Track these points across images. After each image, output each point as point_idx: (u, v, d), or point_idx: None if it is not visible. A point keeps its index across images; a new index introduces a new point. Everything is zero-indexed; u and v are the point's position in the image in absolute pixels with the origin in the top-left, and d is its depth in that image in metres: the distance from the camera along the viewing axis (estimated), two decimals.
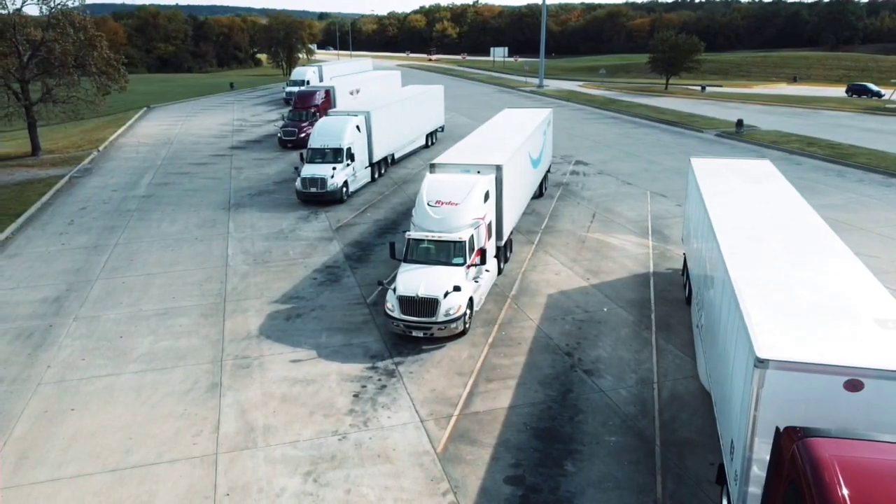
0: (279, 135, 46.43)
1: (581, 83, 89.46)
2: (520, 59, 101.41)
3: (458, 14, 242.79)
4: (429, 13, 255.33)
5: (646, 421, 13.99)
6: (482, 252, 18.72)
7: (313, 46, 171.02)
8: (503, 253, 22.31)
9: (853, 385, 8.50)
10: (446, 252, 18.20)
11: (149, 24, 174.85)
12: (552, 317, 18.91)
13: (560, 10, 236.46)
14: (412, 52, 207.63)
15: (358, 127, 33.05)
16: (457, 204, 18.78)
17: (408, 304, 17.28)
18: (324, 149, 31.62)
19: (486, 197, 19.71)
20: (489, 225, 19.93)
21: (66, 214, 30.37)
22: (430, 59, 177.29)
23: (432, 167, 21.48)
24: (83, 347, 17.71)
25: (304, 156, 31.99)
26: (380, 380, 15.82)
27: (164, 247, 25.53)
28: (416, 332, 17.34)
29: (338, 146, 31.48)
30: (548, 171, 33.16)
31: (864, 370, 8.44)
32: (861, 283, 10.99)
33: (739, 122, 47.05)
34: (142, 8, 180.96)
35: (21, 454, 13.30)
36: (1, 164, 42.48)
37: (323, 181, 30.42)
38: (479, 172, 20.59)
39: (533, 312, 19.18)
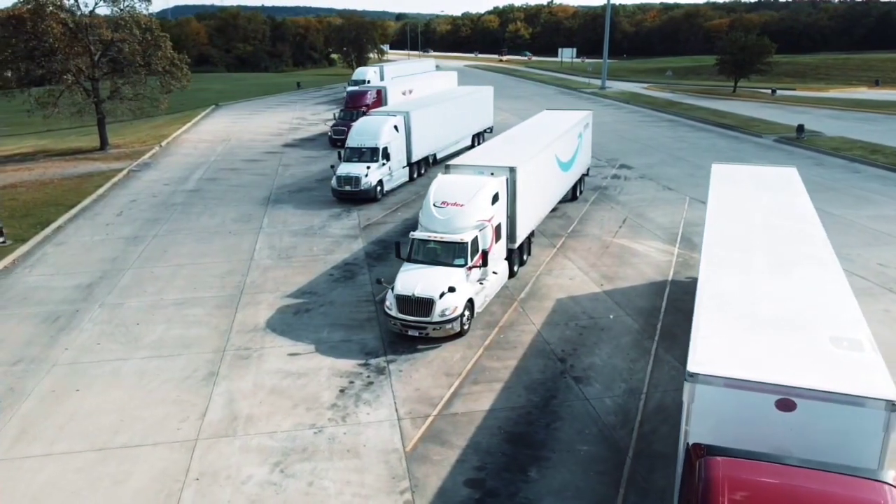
0: (329, 133, 47.45)
1: (647, 85, 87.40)
2: (586, 60, 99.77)
3: (531, 14, 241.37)
4: (502, 13, 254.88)
5: (624, 432, 13.69)
6: (485, 254, 18.65)
7: (385, 46, 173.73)
8: (518, 256, 22.19)
9: (785, 404, 8.14)
10: (448, 253, 18.26)
11: (229, 25, 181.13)
12: (555, 322, 18.70)
13: (637, 11, 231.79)
14: (480, 52, 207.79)
15: (396, 127, 33.43)
16: (462, 205, 18.81)
17: (405, 303, 17.45)
18: (360, 148, 32.15)
19: (495, 199, 19.65)
20: (498, 227, 19.86)
21: (116, 206, 31.99)
22: (500, 60, 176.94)
23: (447, 168, 21.59)
24: (101, 332, 18.69)
25: (342, 154, 32.63)
26: (368, 377, 16.05)
27: (198, 240, 26.57)
28: (412, 332, 17.49)
29: (374, 145, 31.95)
30: (585, 173, 32.70)
31: (796, 389, 8.07)
32: (835, 300, 10.47)
33: (800, 128, 45.01)
34: (224, 9, 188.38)
35: (22, 429, 14.18)
36: (70, 157, 45.12)
37: (357, 179, 30.95)
38: (492, 174, 20.55)
39: (536, 317, 19.01)
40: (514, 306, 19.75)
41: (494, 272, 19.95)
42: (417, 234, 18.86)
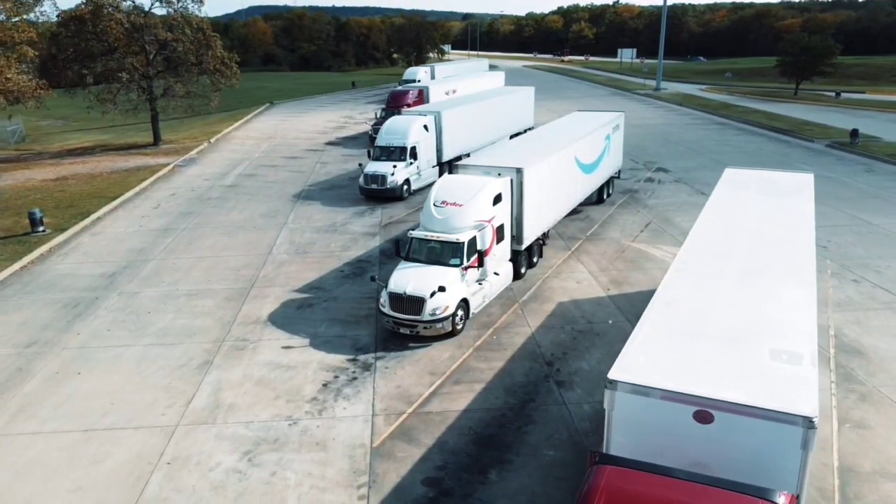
0: (370, 132, 48.04)
1: (705, 87, 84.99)
2: (645, 61, 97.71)
3: (596, 14, 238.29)
4: (566, 14, 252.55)
5: (595, 438, 13.43)
6: (480, 255, 18.55)
7: (447, 47, 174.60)
8: (527, 258, 22.04)
9: (702, 417, 7.90)
10: (444, 252, 18.31)
11: (294, 25, 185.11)
12: (551, 325, 18.51)
13: (706, 10, 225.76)
14: (539, 52, 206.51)
15: (426, 126, 33.61)
16: (461, 205, 18.84)
17: (397, 300, 17.60)
18: (389, 147, 32.49)
19: (497, 200, 19.58)
20: (500, 228, 19.78)
21: (155, 199, 33.28)
22: (562, 60, 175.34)
23: (455, 167, 21.64)
24: (113, 319, 19.53)
25: (371, 153, 33.06)
26: (354, 372, 16.27)
27: (224, 233, 27.39)
28: (403, 330, 17.62)
29: (402, 144, 32.24)
30: (616, 176, 32.19)
31: (713, 401, 7.81)
32: (792, 312, 10.04)
33: (854, 133, 42.99)
34: (290, 9, 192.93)
35: (21, 408, 14.99)
36: (124, 152, 47.17)
37: (383, 178, 31.29)
38: (499, 175, 20.50)
39: (534, 319, 18.86)
40: (514, 308, 19.64)
41: (496, 273, 19.89)
42: (415, 233, 18.99)
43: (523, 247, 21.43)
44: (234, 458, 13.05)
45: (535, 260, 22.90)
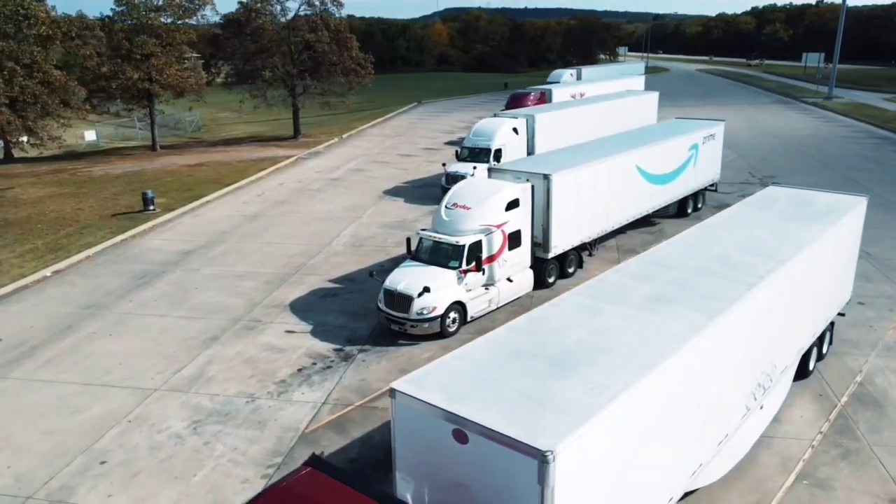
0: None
1: (890, 96, 75.25)
2: (822, 66, 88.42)
3: (794, 15, 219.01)
4: (760, 14, 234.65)
5: None
6: (479, 260, 18.30)
7: (623, 49, 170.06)
8: (557, 267, 21.46)
9: (459, 435, 7.62)
10: (445, 254, 18.41)
11: (470, 27, 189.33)
12: None
13: None
14: (715, 55, 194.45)
15: (515, 129, 33.44)
16: (469, 208, 18.82)
17: (390, 297, 18.03)
18: (475, 148, 32.77)
19: (512, 205, 19.27)
20: (516, 234, 19.45)
21: (262, 189, 36.20)
22: (749, 64, 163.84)
23: (489, 171, 21.62)
24: (164, 292, 21.81)
25: (458, 153, 33.53)
26: (333, 361, 16.96)
27: (300, 223, 29.29)
28: (394, 326, 18.02)
29: (486, 146, 32.37)
30: (713, 189, 30.16)
31: (463, 421, 7.51)
32: (647, 345, 9.15)
33: None
34: (467, 10, 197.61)
35: (49, 359, 17.36)
36: (266, 143, 51.57)
37: (462, 178, 31.57)
38: (527, 180, 20.19)
39: None
40: (519, 314, 19.19)
41: (509, 279, 19.60)
42: (423, 233, 19.26)
43: (550, 255, 20.88)
44: (182, 425, 14.27)
45: (570, 270, 22.18)
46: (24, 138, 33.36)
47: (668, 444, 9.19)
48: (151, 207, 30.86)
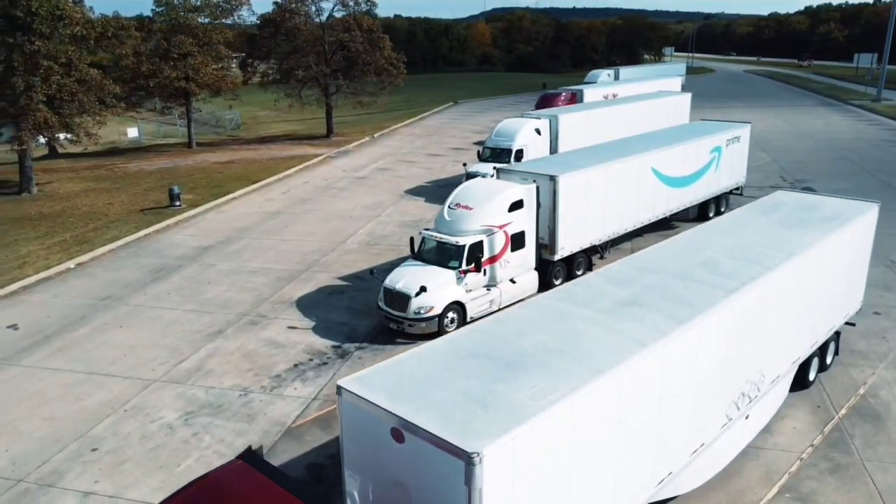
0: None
1: None
2: (872, 67, 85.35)
3: (850, 14, 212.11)
4: (814, 14, 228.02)
5: None
6: (478, 260, 18.25)
7: (669, 49, 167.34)
8: (564, 269, 21.29)
9: (396, 434, 7.65)
10: (445, 254, 18.44)
11: (514, 27, 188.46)
12: None
13: None
14: (763, 56, 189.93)
15: (538, 130, 33.23)
16: (471, 209, 18.82)
17: (388, 295, 18.14)
18: (496, 148, 32.68)
19: (516, 206, 19.18)
20: (520, 236, 19.35)
21: (288, 186, 36.76)
22: (801, 65, 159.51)
23: (497, 172, 21.56)
24: (178, 286, 22.35)
25: (480, 154, 33.51)
26: (329, 357, 17.16)
27: (320, 220, 29.67)
28: (392, 325, 18.13)
29: (508, 147, 32.24)
30: (738, 192, 29.52)
31: (397, 419, 7.55)
32: (613, 353, 9.01)
33: None
34: (511, 10, 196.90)
35: (60, 348, 17.97)
36: (299, 141, 52.37)
37: (482, 177, 31.56)
38: (534, 181, 20.09)
39: None
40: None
41: (512, 280, 19.53)
42: (426, 232, 19.31)
43: (556, 257, 20.73)
44: (175, 416, 14.63)
45: (578, 272, 21.93)
46: (62, 135, 34.49)
47: (625, 450, 9.05)
48: (177, 203, 31.63)
